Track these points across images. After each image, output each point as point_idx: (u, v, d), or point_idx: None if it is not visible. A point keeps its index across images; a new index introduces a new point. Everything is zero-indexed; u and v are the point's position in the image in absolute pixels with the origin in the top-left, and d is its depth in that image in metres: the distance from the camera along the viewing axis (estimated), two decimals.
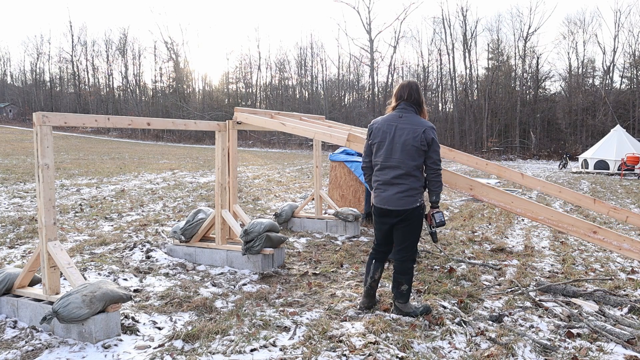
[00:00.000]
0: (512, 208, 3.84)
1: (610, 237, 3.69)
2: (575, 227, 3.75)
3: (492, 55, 43.18)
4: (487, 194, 3.93)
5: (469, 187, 3.98)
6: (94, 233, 6.47)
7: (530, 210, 3.80)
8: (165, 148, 35.27)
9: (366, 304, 3.80)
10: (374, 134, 3.63)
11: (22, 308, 3.53)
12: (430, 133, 3.47)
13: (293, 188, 12.66)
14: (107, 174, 14.46)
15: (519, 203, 3.84)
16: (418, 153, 3.49)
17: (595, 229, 3.72)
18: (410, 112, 3.59)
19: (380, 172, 3.60)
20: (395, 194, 3.53)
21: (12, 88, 69.92)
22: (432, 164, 3.54)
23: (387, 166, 3.55)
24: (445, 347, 3.22)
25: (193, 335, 3.29)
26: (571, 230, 3.75)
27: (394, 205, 3.56)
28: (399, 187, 3.52)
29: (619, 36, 41.61)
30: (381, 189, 3.61)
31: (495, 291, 4.40)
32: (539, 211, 3.81)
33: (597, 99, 36.87)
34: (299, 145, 42.62)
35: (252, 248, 4.78)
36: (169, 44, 56.66)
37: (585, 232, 3.72)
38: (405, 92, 3.61)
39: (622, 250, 3.67)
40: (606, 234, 3.69)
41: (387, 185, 3.56)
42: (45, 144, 3.32)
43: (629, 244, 3.66)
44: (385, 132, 3.56)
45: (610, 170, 20.91)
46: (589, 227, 3.74)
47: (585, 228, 3.74)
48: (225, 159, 5.15)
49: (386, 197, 3.57)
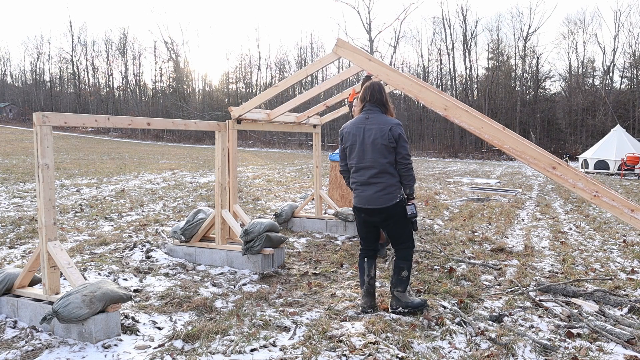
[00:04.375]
0: (481, 133, 3.94)
1: (568, 174, 3.78)
2: (537, 160, 3.84)
3: (492, 55, 43.22)
4: (459, 116, 4.01)
5: (444, 107, 4.06)
6: (94, 233, 6.47)
7: (497, 138, 3.89)
8: (165, 148, 35.28)
9: (368, 304, 3.81)
10: (345, 139, 3.74)
11: (22, 308, 3.53)
12: (396, 129, 3.58)
13: (293, 188, 12.66)
14: (107, 174, 14.47)
15: (488, 129, 3.94)
16: (388, 150, 3.58)
17: (555, 165, 3.82)
18: (375, 112, 3.69)
19: (356, 173, 3.70)
20: (374, 193, 3.62)
21: (12, 88, 69.96)
22: (402, 159, 3.62)
23: (361, 167, 3.65)
24: (445, 347, 3.22)
25: (193, 335, 3.29)
26: (532, 163, 3.85)
27: (375, 204, 3.64)
28: (376, 187, 3.62)
29: (619, 36, 41.67)
30: (360, 190, 3.70)
31: (495, 291, 4.40)
32: (505, 140, 3.90)
33: (597, 99, 36.89)
34: (299, 145, 42.63)
35: (252, 248, 4.78)
36: (169, 44, 56.75)
37: (545, 167, 3.81)
38: (368, 93, 3.73)
39: (576, 189, 3.76)
40: (564, 171, 3.79)
41: (365, 186, 3.66)
42: (45, 144, 3.32)
43: (583, 184, 3.76)
44: (355, 135, 3.65)
45: (610, 170, 20.91)
46: (549, 162, 3.84)
47: (546, 163, 3.83)
48: (225, 159, 5.15)
49: (366, 196, 3.66)
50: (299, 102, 5.88)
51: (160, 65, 58.01)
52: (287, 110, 5.92)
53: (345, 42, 4.50)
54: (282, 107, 5.92)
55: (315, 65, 5.04)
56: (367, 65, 4.40)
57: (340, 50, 4.51)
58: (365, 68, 4.46)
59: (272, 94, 5.30)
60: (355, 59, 4.44)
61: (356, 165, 3.68)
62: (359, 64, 4.47)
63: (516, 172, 20.95)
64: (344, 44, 4.50)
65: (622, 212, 3.69)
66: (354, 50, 4.47)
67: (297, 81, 5.31)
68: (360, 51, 4.48)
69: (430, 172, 20.00)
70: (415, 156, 36.66)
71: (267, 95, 5.34)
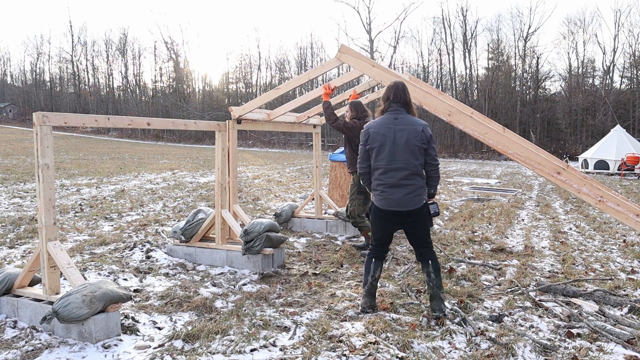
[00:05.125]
0: (486, 139, 3.99)
1: (572, 179, 3.79)
2: (542, 165, 3.87)
3: (492, 55, 43.22)
4: (464, 122, 4.06)
5: (448, 113, 4.11)
6: (94, 233, 6.47)
7: (501, 144, 3.93)
8: (165, 148, 35.28)
9: (368, 304, 3.80)
10: (372, 139, 3.61)
11: (22, 308, 3.53)
12: (427, 130, 3.58)
13: (293, 188, 12.66)
14: (107, 174, 14.47)
15: (492, 135, 3.97)
16: (420, 152, 3.55)
17: (560, 170, 3.84)
18: (402, 112, 3.63)
19: (384, 175, 3.58)
20: (405, 195, 3.55)
21: (12, 88, 69.98)
22: (432, 160, 3.60)
23: (391, 169, 3.55)
24: (445, 347, 3.22)
25: (193, 335, 3.29)
26: (537, 168, 3.87)
27: (405, 206, 3.57)
28: (407, 189, 3.55)
29: (619, 36, 41.68)
30: (388, 192, 3.58)
31: (495, 291, 4.40)
32: (510, 145, 3.94)
33: (597, 99, 36.89)
34: (299, 145, 42.63)
35: (252, 248, 4.78)
36: (169, 44, 56.76)
37: (549, 172, 3.84)
38: (392, 93, 3.64)
39: (581, 194, 3.78)
40: (569, 176, 3.80)
41: (395, 188, 3.56)
42: (45, 144, 3.32)
43: (587, 189, 3.79)
44: (385, 136, 3.56)
45: (610, 170, 20.91)
46: (554, 167, 3.86)
47: (551, 168, 3.85)
48: (225, 159, 5.15)
49: (395, 199, 3.57)
50: (299, 103, 5.88)
51: (160, 65, 58.07)
52: (287, 110, 5.93)
53: (349, 49, 4.50)
54: (283, 108, 5.93)
55: (318, 70, 5.05)
56: (370, 71, 4.40)
57: (343, 57, 4.52)
58: (369, 74, 4.44)
59: (273, 96, 5.30)
60: (358, 65, 4.44)
61: (385, 167, 3.57)
62: (363, 70, 4.47)
63: (516, 172, 20.95)
64: (347, 50, 4.50)
65: (627, 217, 3.70)
66: (357, 56, 4.48)
67: (298, 84, 5.36)
68: (364, 57, 4.48)
69: None
70: None
71: (268, 97, 5.33)
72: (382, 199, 3.63)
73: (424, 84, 5.65)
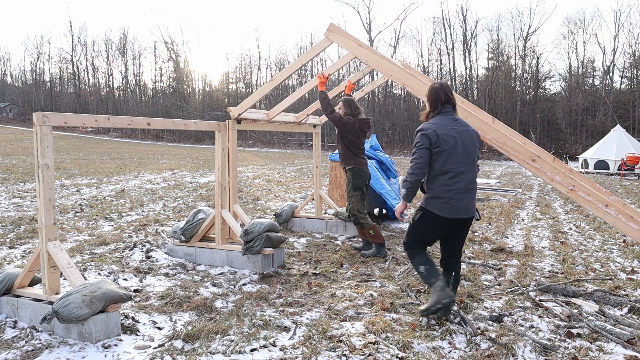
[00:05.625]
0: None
1: (546, 167, 3.87)
2: (518, 152, 3.94)
3: (492, 55, 43.22)
4: None
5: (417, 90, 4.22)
6: (94, 233, 6.47)
7: (481, 129, 3.98)
8: (165, 148, 35.28)
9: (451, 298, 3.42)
10: (442, 141, 3.32)
11: (22, 308, 3.53)
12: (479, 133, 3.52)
13: (293, 188, 12.66)
14: (107, 174, 14.47)
15: (472, 120, 4.03)
16: (477, 155, 3.47)
17: (535, 157, 3.91)
18: (454, 114, 3.49)
19: (453, 179, 3.35)
20: (471, 201, 3.42)
21: (12, 88, 69.95)
22: (478, 164, 3.57)
23: (460, 172, 3.36)
24: (445, 347, 3.22)
25: (193, 335, 3.29)
26: (513, 154, 3.94)
27: (470, 212, 3.42)
28: (472, 194, 3.43)
29: (619, 36, 41.69)
30: (456, 199, 3.36)
31: (495, 291, 4.40)
32: (488, 130, 4.01)
33: (597, 99, 36.89)
34: (299, 145, 42.64)
35: (252, 248, 4.78)
36: (169, 44, 56.77)
37: (525, 159, 3.91)
38: (442, 94, 3.46)
39: (554, 182, 3.85)
40: (543, 164, 3.88)
41: (463, 194, 3.37)
42: (45, 144, 3.32)
43: (560, 177, 3.87)
44: (455, 138, 3.35)
45: (610, 170, 20.91)
46: (529, 155, 3.92)
47: (526, 155, 3.91)
48: (225, 159, 5.15)
49: (463, 206, 3.38)
50: (296, 97, 5.90)
51: (160, 65, 58.05)
52: (285, 107, 5.95)
53: (337, 27, 4.53)
54: (281, 105, 5.95)
55: (309, 53, 5.02)
56: (357, 51, 4.46)
57: (331, 35, 4.55)
58: (356, 54, 4.51)
59: (269, 88, 5.32)
60: (346, 44, 4.49)
61: (455, 171, 3.35)
62: (350, 50, 4.53)
63: (516, 172, 20.94)
64: (335, 29, 4.52)
65: (596, 207, 3.80)
66: (345, 35, 4.52)
67: (293, 71, 5.23)
68: (351, 37, 4.52)
69: None
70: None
71: (264, 90, 5.35)
72: (450, 206, 3.37)
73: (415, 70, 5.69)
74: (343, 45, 4.50)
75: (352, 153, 5.55)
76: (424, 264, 3.55)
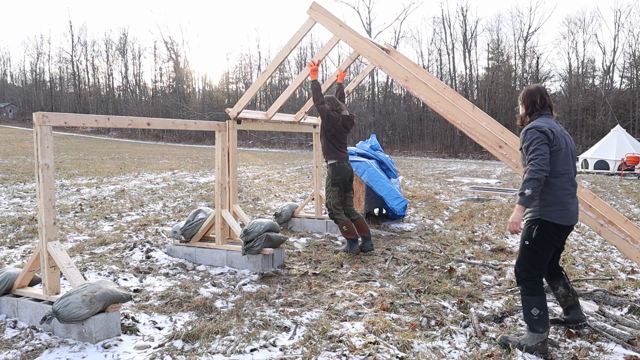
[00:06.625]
0: (437, 107, 4.14)
1: (512, 154, 3.92)
2: (486, 138, 4.00)
3: (492, 55, 43.24)
4: (418, 88, 4.21)
5: (405, 78, 4.24)
6: (94, 233, 6.47)
7: (451, 113, 4.08)
8: (165, 148, 35.28)
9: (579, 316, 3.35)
10: (557, 140, 3.12)
11: (22, 308, 3.53)
12: None
13: (293, 188, 12.66)
14: (107, 174, 14.47)
15: (444, 104, 4.12)
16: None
17: (502, 144, 3.96)
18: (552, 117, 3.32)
19: (569, 182, 3.16)
20: (577, 205, 3.26)
21: (12, 88, 69.93)
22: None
23: (572, 175, 3.20)
24: (445, 347, 3.22)
25: (193, 335, 3.29)
26: (481, 140, 4.00)
27: (577, 218, 3.25)
28: (577, 198, 3.26)
29: (619, 36, 41.71)
30: (572, 203, 3.16)
31: (495, 291, 4.40)
32: (459, 115, 4.09)
33: (597, 99, 36.89)
34: (299, 145, 42.65)
35: (252, 248, 4.78)
36: (169, 44, 56.81)
37: (492, 145, 3.97)
38: (541, 96, 3.28)
39: (518, 169, 3.86)
40: (509, 151, 3.93)
41: (574, 198, 3.20)
42: (45, 144, 3.32)
43: None
44: (565, 138, 3.20)
45: (610, 170, 20.91)
46: (496, 141, 3.97)
47: (493, 141, 3.97)
48: (225, 159, 5.15)
49: (575, 210, 3.20)
50: (291, 90, 6.03)
51: (160, 65, 58.11)
52: (282, 103, 6.03)
53: (319, 6, 4.63)
54: (277, 102, 6.02)
55: (295, 37, 5.02)
56: (337, 30, 4.54)
57: (313, 14, 4.64)
58: (336, 33, 4.60)
59: (262, 80, 5.35)
60: (327, 23, 4.58)
61: (569, 173, 3.17)
62: (331, 29, 4.62)
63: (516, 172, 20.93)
64: (317, 8, 4.62)
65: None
66: (326, 14, 4.61)
67: (282, 59, 5.19)
68: (333, 16, 4.60)
69: (430, 172, 20.00)
70: (416, 156, 36.68)
71: (258, 84, 5.36)
72: (568, 212, 3.15)
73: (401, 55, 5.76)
74: (324, 25, 4.58)
75: (334, 147, 5.67)
76: (541, 308, 3.13)
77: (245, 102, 5.26)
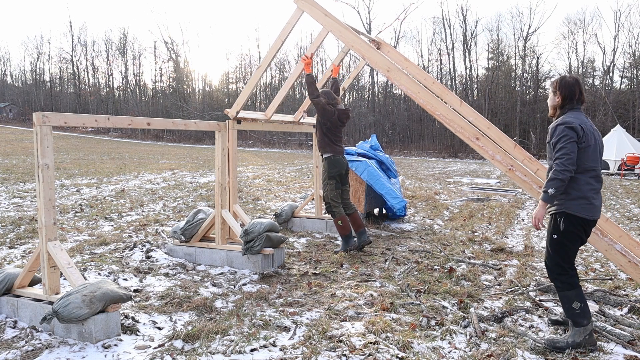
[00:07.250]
0: (417, 97, 4.22)
1: (489, 146, 4.00)
2: (464, 129, 4.08)
3: (492, 55, 43.24)
4: (399, 79, 4.29)
5: (387, 69, 4.32)
6: (94, 233, 6.47)
7: (430, 104, 4.14)
8: (165, 148, 35.28)
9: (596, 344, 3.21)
10: (586, 136, 3.11)
11: (22, 308, 3.53)
12: None
13: (293, 188, 12.66)
14: (107, 174, 14.46)
15: (424, 95, 4.19)
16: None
17: (479, 136, 4.04)
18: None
19: (595, 179, 3.18)
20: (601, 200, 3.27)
21: (12, 88, 69.92)
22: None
23: (598, 172, 3.20)
24: (445, 347, 3.22)
25: (193, 335, 3.29)
26: (459, 131, 4.08)
27: (600, 213, 3.25)
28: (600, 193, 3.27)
29: (619, 36, 41.71)
30: (596, 198, 3.18)
31: (495, 291, 4.40)
32: (438, 106, 4.16)
33: (597, 99, 36.88)
34: (299, 145, 42.65)
35: (252, 248, 4.78)
36: (169, 44, 56.81)
37: (469, 137, 4.05)
38: (577, 90, 3.23)
39: (494, 161, 3.96)
40: (486, 143, 4.02)
41: (600, 193, 3.23)
42: (45, 144, 3.32)
43: (501, 157, 4.00)
44: (594, 134, 3.18)
45: (610, 170, 20.91)
46: (474, 132, 4.05)
47: (471, 133, 4.04)
48: (225, 159, 5.15)
49: (599, 205, 3.21)
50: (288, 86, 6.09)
51: (160, 65, 58.10)
52: (279, 101, 6.09)
53: None
54: (275, 101, 6.08)
55: (286, 28, 5.05)
56: (323, 19, 4.62)
57: (300, 3, 4.73)
58: (321, 22, 4.67)
59: (257, 76, 5.36)
60: (313, 12, 4.66)
61: (596, 169, 3.18)
62: (316, 18, 4.67)
63: None
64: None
65: (530, 188, 3.94)
66: (312, 4, 4.69)
67: (275, 52, 5.21)
68: (319, 5, 4.73)
69: (430, 172, 20.00)
70: (416, 156, 36.68)
71: (254, 80, 5.38)
72: (593, 207, 3.16)
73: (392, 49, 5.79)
74: (310, 14, 4.65)
75: (329, 140, 5.70)
76: (581, 301, 3.15)
77: (243, 100, 5.26)
